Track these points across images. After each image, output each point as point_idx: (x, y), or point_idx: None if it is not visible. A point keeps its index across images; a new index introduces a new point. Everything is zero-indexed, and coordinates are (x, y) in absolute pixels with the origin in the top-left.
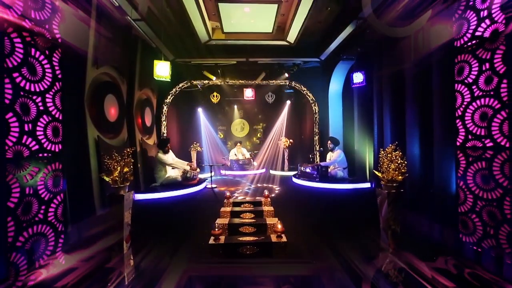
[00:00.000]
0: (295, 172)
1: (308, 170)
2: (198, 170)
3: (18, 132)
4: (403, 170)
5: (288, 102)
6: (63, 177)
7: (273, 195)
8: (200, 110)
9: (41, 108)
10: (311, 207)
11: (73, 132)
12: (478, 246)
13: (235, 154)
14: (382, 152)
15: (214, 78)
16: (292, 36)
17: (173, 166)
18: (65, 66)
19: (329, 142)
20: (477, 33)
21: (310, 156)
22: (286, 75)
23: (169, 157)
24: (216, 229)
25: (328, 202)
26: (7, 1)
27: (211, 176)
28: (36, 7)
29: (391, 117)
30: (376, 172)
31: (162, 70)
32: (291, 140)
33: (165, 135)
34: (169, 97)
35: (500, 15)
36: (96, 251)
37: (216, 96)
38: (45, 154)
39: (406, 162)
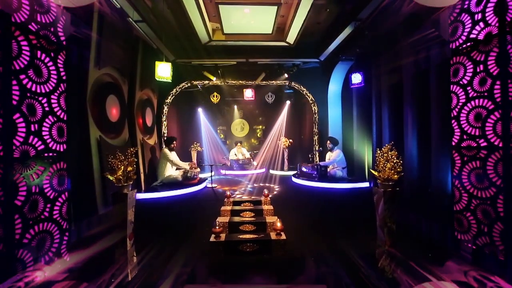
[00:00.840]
0: (294, 172)
1: (307, 169)
2: (198, 169)
3: (24, 132)
4: (398, 169)
5: (288, 102)
6: (67, 176)
7: (273, 193)
8: (200, 110)
9: (47, 109)
10: (310, 206)
11: (76, 132)
12: (472, 244)
13: (235, 154)
14: (379, 152)
15: (214, 78)
16: (291, 37)
17: (175, 164)
18: (69, 67)
19: (328, 142)
20: (472, 36)
21: (310, 156)
22: (286, 75)
23: (173, 155)
24: (217, 227)
25: (327, 201)
26: (15, 5)
27: (211, 176)
28: (41, 10)
29: (389, 117)
30: (373, 171)
31: (163, 71)
32: (290, 140)
33: (165, 135)
34: (169, 97)
35: (494, 18)
36: (100, 248)
37: (216, 96)
38: (50, 154)
39: (401, 162)
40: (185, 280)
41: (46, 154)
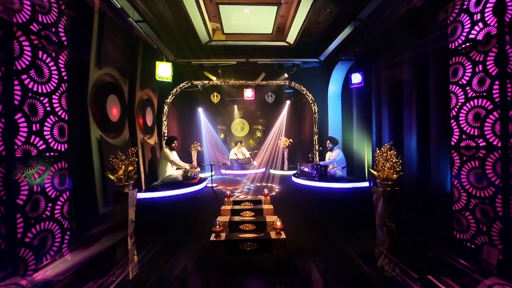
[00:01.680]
0: (294, 172)
1: (307, 169)
2: (198, 169)
3: (26, 132)
4: (397, 169)
5: (288, 102)
6: (69, 175)
7: (272, 194)
8: (200, 110)
9: (48, 108)
10: (310, 206)
11: (77, 132)
12: (471, 243)
13: (235, 154)
14: (378, 151)
15: (214, 78)
16: (291, 37)
17: (175, 164)
18: (69, 67)
19: (328, 141)
20: (471, 36)
21: (310, 155)
22: (286, 75)
23: (174, 154)
24: (217, 226)
25: (327, 200)
26: (16, 6)
27: (211, 175)
28: (43, 11)
29: (389, 117)
30: (372, 171)
31: (164, 71)
32: (290, 140)
33: (166, 134)
34: (170, 97)
35: (493, 19)
36: (101, 247)
37: (217, 96)
38: (52, 153)
39: (400, 161)
40: (185, 279)
41: (47, 154)
